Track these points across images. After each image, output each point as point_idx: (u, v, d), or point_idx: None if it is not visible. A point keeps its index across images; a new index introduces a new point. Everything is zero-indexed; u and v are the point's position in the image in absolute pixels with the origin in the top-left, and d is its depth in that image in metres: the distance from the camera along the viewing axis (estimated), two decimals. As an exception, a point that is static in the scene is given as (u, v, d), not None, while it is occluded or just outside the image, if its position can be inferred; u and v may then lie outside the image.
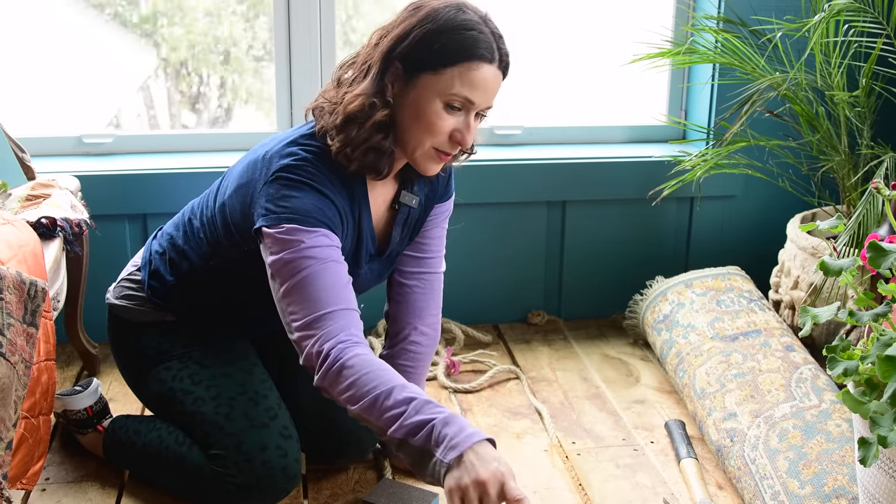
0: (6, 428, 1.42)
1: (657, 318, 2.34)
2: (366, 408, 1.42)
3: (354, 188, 1.62)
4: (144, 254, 1.85)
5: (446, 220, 1.86)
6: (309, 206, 1.52)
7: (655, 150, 2.63)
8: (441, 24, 1.50)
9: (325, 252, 1.51)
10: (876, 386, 1.40)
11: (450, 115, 1.54)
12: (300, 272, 1.49)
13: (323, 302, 1.49)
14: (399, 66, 1.53)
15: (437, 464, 1.37)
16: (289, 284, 1.50)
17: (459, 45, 1.50)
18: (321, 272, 1.50)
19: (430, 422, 1.38)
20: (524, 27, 2.65)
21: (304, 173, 1.54)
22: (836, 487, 1.65)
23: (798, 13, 2.39)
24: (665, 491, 1.84)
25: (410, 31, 1.51)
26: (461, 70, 1.50)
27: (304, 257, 1.49)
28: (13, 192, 2.00)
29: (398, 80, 1.54)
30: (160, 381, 1.76)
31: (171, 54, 2.59)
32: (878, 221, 1.92)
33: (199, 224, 1.73)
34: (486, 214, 2.54)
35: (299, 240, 1.50)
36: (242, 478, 1.64)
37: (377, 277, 1.79)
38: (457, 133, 1.55)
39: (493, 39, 1.53)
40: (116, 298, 1.84)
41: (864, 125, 2.25)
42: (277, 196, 1.53)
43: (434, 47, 1.50)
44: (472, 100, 1.53)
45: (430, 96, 1.52)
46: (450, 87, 1.51)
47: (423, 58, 1.51)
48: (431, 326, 1.87)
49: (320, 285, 1.49)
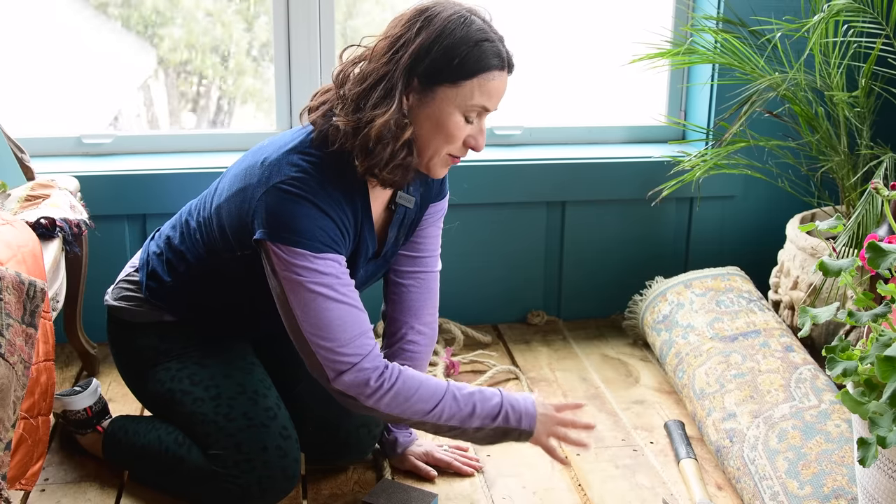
0: (5, 428, 1.42)
1: (656, 318, 2.34)
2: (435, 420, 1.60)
3: (356, 196, 1.62)
4: (142, 255, 1.84)
5: (441, 219, 1.86)
6: (312, 227, 1.52)
7: (655, 150, 2.63)
8: (458, 38, 1.51)
9: (334, 278, 1.53)
10: (875, 386, 1.40)
11: (468, 124, 1.57)
12: (314, 298, 1.52)
13: (345, 330, 1.54)
14: (416, 80, 1.53)
15: (520, 434, 1.62)
16: (304, 309, 1.53)
17: (477, 59, 1.52)
18: (336, 299, 1.54)
19: (499, 405, 1.61)
20: (524, 27, 2.65)
21: (306, 188, 1.53)
22: (835, 488, 1.65)
23: (797, 13, 2.39)
24: (664, 491, 1.84)
25: (430, 48, 1.51)
26: (479, 82, 1.53)
27: (316, 283, 1.52)
28: (12, 192, 2.00)
29: (414, 93, 1.54)
30: (159, 381, 1.76)
31: (170, 54, 2.59)
32: (877, 222, 1.92)
33: (196, 225, 1.72)
34: (485, 214, 2.54)
35: (311, 267, 1.52)
36: (242, 478, 1.64)
37: (371, 278, 1.79)
38: (471, 139, 1.59)
39: (502, 45, 1.55)
40: (115, 300, 1.84)
41: (863, 125, 2.25)
42: (278, 210, 1.52)
43: (454, 62, 1.51)
44: (489, 108, 1.57)
45: (450, 109, 1.54)
46: (469, 98, 1.53)
47: (442, 72, 1.52)
48: (428, 326, 1.87)
49: (338, 314, 1.53)
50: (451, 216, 1.94)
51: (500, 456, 1.95)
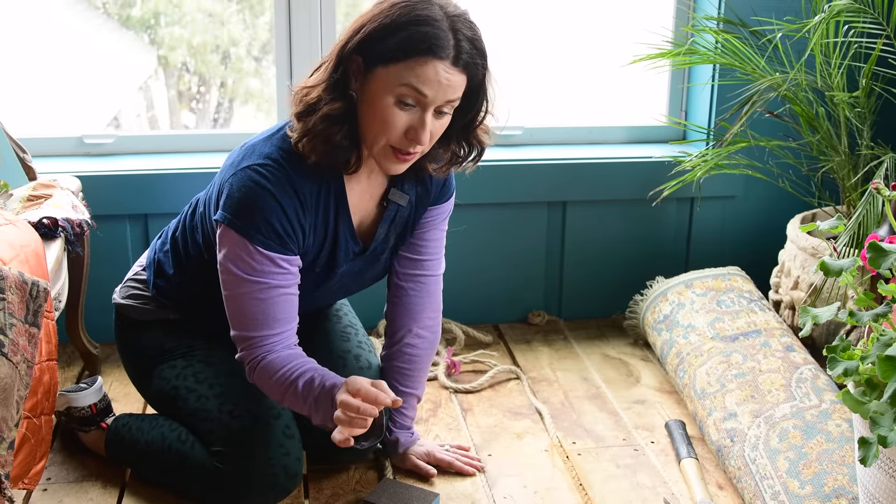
0: (8, 428, 1.42)
1: (657, 318, 2.35)
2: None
3: (329, 188, 1.61)
4: (149, 254, 1.85)
5: (445, 221, 1.83)
6: (262, 220, 1.54)
7: (656, 150, 2.63)
8: (395, 18, 1.47)
9: (259, 275, 1.56)
10: (876, 386, 1.40)
11: (402, 111, 1.50)
12: (241, 289, 1.58)
13: (246, 324, 1.60)
14: (360, 59, 1.51)
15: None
16: (231, 294, 1.59)
17: (409, 40, 1.47)
18: (250, 295, 1.58)
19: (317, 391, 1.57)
20: (524, 28, 2.65)
21: (270, 178, 1.54)
22: (836, 487, 1.65)
23: (798, 14, 2.39)
24: (665, 491, 1.84)
25: (365, 24, 1.50)
26: (410, 65, 1.47)
27: (241, 273, 1.57)
28: (14, 192, 2.00)
29: (359, 73, 1.52)
30: (164, 379, 1.77)
31: (170, 54, 2.59)
32: (878, 222, 1.93)
33: (198, 221, 1.73)
34: (486, 215, 2.54)
35: (244, 258, 1.56)
36: (244, 476, 1.65)
37: (361, 274, 1.78)
38: (411, 130, 1.52)
39: (452, 36, 1.48)
40: (123, 298, 1.85)
41: (863, 126, 2.25)
42: (237, 195, 1.55)
43: (385, 42, 1.48)
44: (424, 93, 1.48)
45: (382, 91, 1.50)
46: (399, 80, 1.48)
47: (375, 52, 1.49)
48: (428, 329, 1.86)
49: (247, 308, 1.59)
50: (457, 219, 1.94)
51: (502, 456, 1.95)
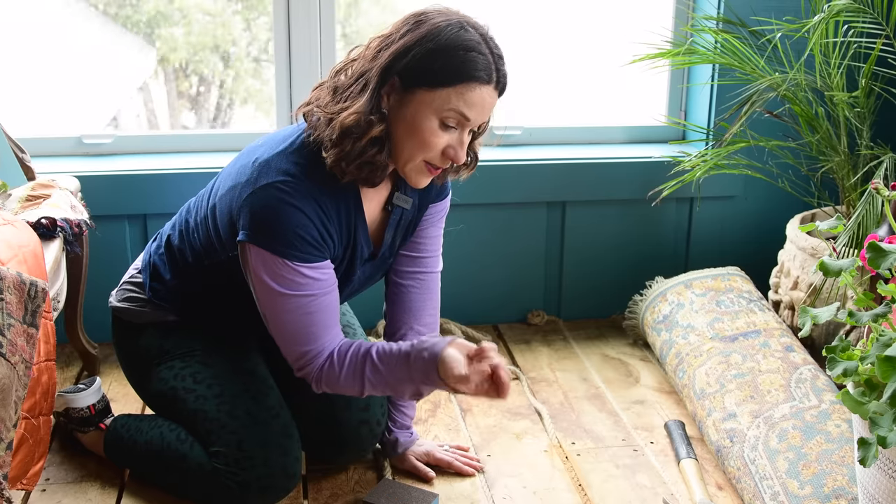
0: (6, 428, 1.42)
1: (657, 318, 2.35)
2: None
3: (348, 198, 1.62)
4: (145, 256, 1.85)
5: (442, 219, 1.85)
6: (292, 234, 1.53)
7: (655, 150, 2.63)
8: (442, 43, 1.49)
9: (300, 287, 1.56)
10: (875, 386, 1.40)
11: (444, 132, 1.54)
12: (277, 303, 1.57)
13: (297, 341, 1.61)
14: (397, 79, 1.52)
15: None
16: (269, 311, 1.60)
17: (458, 66, 1.49)
18: (294, 310, 1.58)
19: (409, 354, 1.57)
20: (524, 28, 2.65)
21: (292, 192, 1.54)
22: (835, 488, 1.65)
23: (798, 14, 2.39)
24: (665, 491, 1.84)
25: (411, 49, 1.50)
26: (459, 90, 1.50)
27: (282, 290, 1.56)
28: (13, 192, 2.00)
29: (394, 92, 1.53)
30: (163, 380, 1.77)
31: (170, 54, 2.59)
32: (877, 222, 1.92)
33: (194, 224, 1.73)
34: (486, 215, 2.54)
35: (281, 274, 1.55)
36: (243, 475, 1.65)
37: (369, 279, 1.79)
38: (450, 149, 1.56)
39: (493, 60, 1.52)
40: (119, 301, 1.85)
41: (863, 126, 2.25)
42: (260, 214, 1.53)
43: (434, 66, 1.50)
44: (468, 117, 1.53)
45: (426, 112, 1.52)
46: (446, 105, 1.51)
47: (421, 75, 1.51)
48: (428, 326, 1.86)
49: (294, 325, 1.59)
50: (455, 218, 1.94)
51: (501, 456, 1.95)
